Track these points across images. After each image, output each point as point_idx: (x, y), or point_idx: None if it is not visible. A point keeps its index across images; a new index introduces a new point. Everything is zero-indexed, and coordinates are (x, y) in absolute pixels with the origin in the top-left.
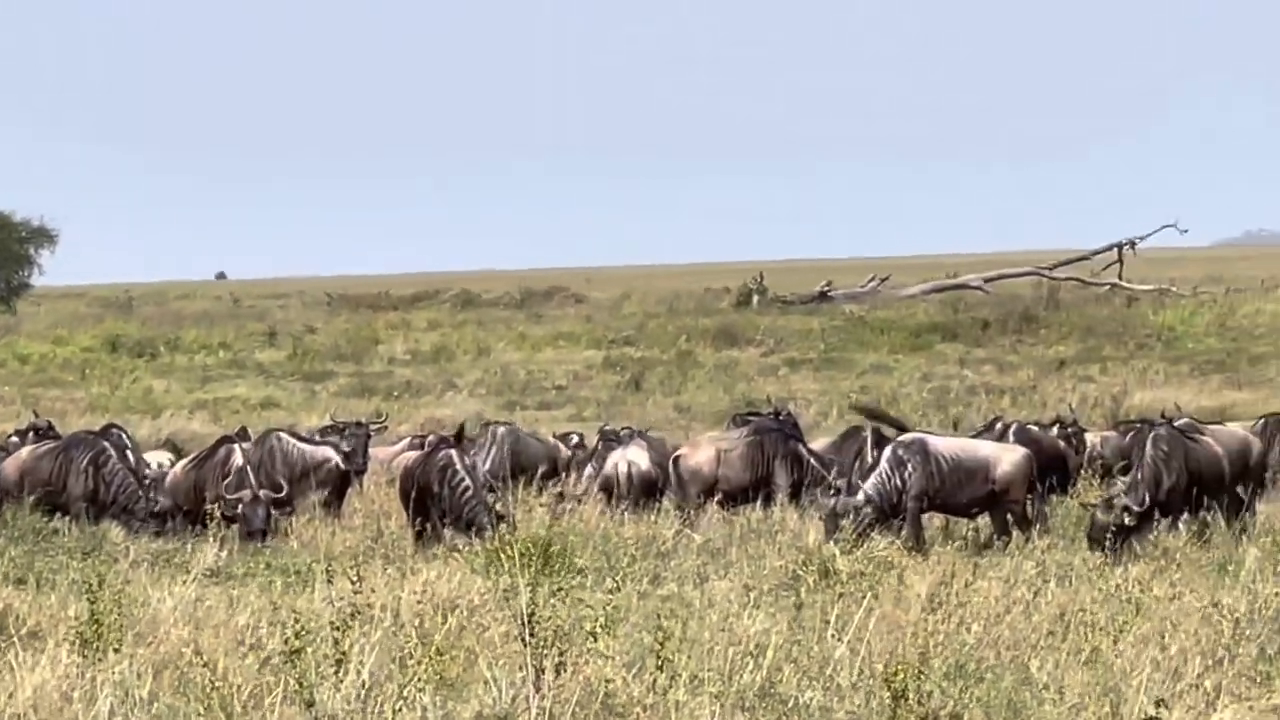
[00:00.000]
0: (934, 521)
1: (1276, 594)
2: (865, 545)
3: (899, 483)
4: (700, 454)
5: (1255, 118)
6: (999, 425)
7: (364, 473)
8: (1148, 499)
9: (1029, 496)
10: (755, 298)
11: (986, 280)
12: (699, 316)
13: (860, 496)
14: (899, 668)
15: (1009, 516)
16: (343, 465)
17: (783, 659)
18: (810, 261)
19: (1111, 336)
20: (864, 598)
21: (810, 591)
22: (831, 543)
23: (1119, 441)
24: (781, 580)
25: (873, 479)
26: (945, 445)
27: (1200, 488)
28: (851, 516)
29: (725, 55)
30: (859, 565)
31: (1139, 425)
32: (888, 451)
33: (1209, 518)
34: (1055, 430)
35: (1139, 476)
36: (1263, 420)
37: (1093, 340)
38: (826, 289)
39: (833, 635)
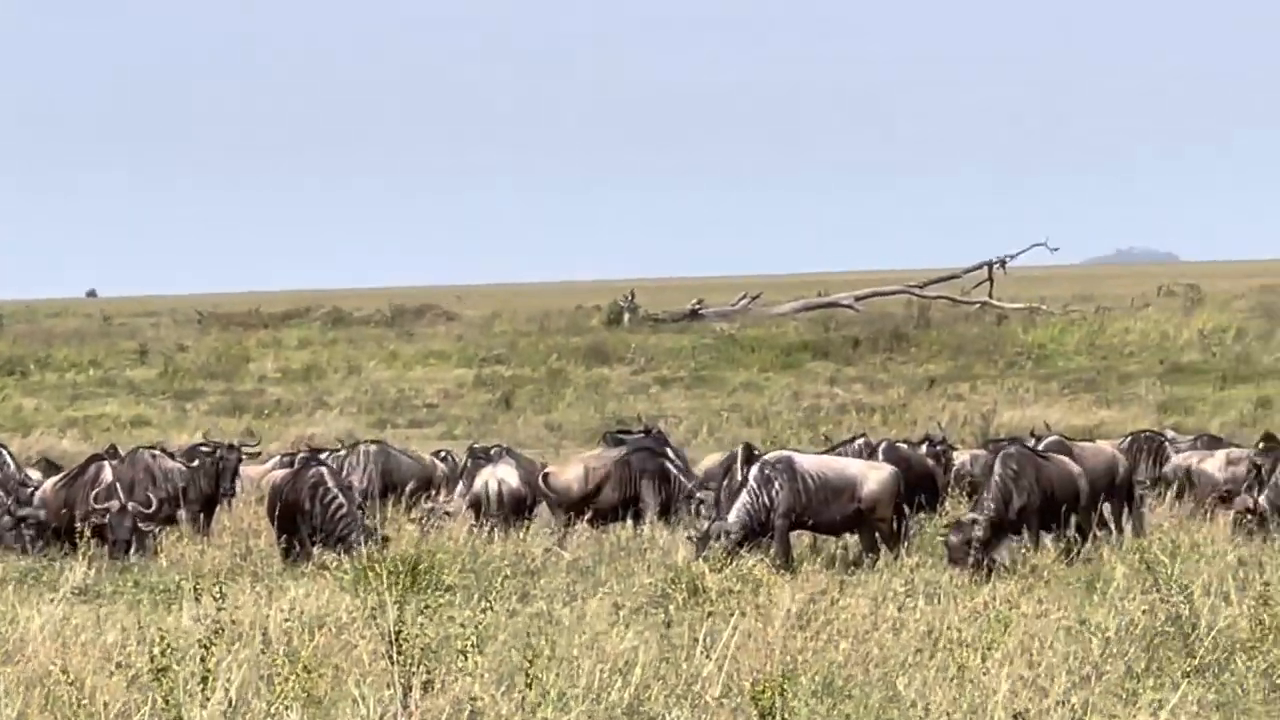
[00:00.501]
0: (803, 539)
1: (1144, 611)
2: (734, 563)
3: (766, 501)
4: (569, 472)
5: (1126, 138)
6: (859, 442)
7: (233, 496)
8: (995, 517)
9: (897, 515)
10: (626, 316)
11: (857, 299)
12: (570, 335)
13: (731, 519)
14: (766, 685)
15: (877, 534)
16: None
17: (651, 677)
18: (681, 279)
19: (982, 355)
20: (732, 615)
21: (679, 609)
22: (701, 560)
23: (989, 460)
24: (650, 598)
25: (742, 497)
26: (812, 463)
27: (1058, 506)
28: (721, 538)
29: (583, 73)
30: (728, 583)
31: (1006, 443)
32: (755, 470)
33: (1075, 535)
34: (924, 448)
35: (985, 495)
36: (1130, 437)
37: (963, 358)
38: (697, 307)
39: (701, 653)
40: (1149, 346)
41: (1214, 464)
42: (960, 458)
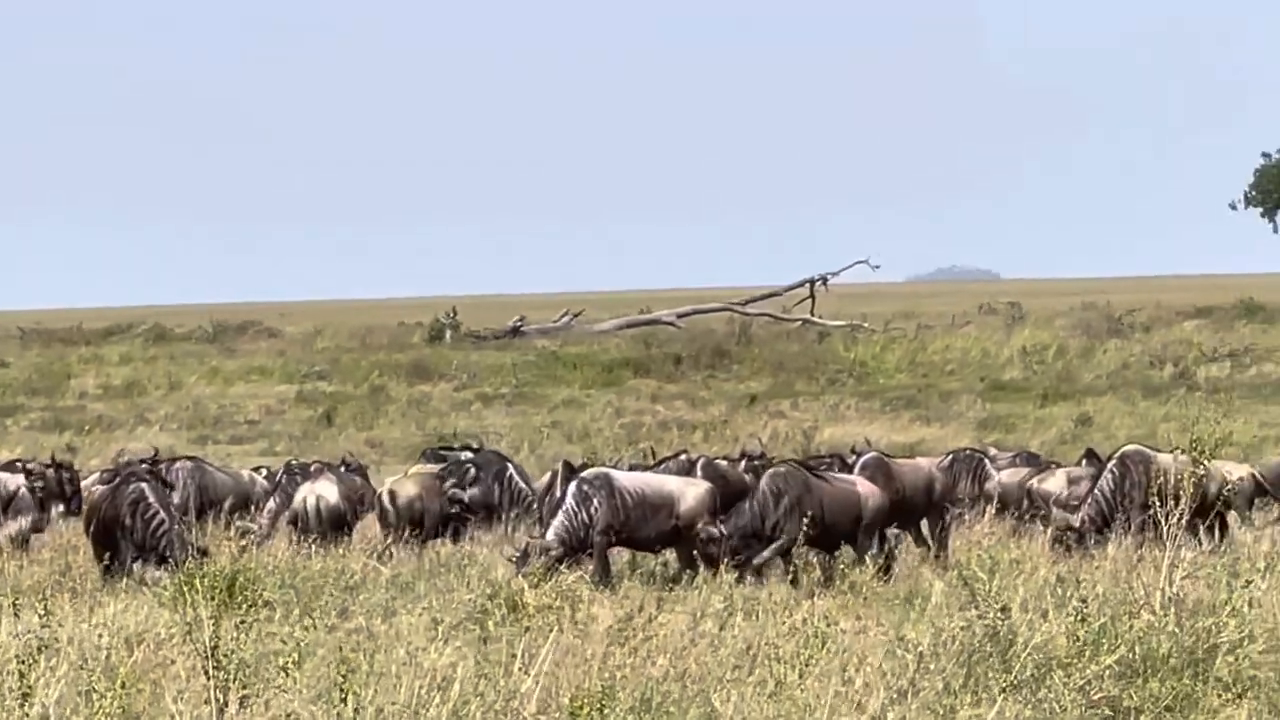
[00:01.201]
0: (621, 556)
1: (962, 628)
2: (553, 579)
3: (585, 518)
4: (409, 487)
5: (948, 156)
6: (681, 458)
7: (78, 514)
8: (747, 530)
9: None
10: (448, 333)
11: (679, 316)
12: (391, 351)
13: (550, 536)
14: (584, 701)
15: (695, 550)
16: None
17: (469, 692)
18: (503, 296)
19: (803, 372)
20: (551, 631)
21: (498, 625)
22: (520, 576)
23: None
24: (470, 614)
25: (560, 515)
26: (630, 480)
27: (830, 525)
28: (541, 556)
29: (402, 89)
30: (546, 599)
31: (828, 460)
32: (573, 487)
33: (898, 550)
34: (743, 465)
35: (740, 510)
36: (950, 455)
37: (784, 375)
38: (519, 324)
39: (519, 668)
40: (970, 364)
41: (1055, 483)
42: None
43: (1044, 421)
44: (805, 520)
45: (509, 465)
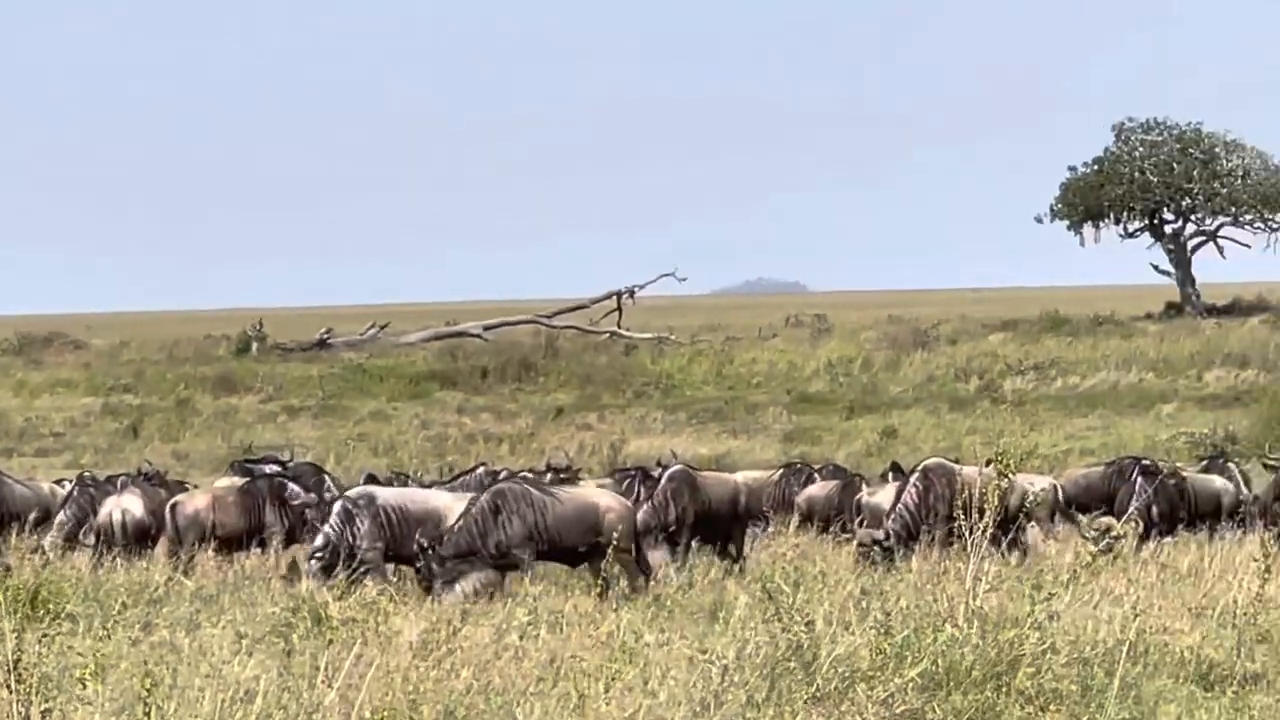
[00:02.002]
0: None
1: (765, 640)
2: (359, 591)
3: (350, 536)
4: (196, 500)
5: (754, 169)
6: (480, 471)
7: None
8: (463, 550)
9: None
10: (254, 345)
11: (486, 328)
12: (198, 363)
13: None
14: (387, 714)
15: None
16: None
17: (272, 705)
18: (309, 309)
19: (610, 384)
20: (355, 644)
21: (302, 638)
22: (324, 589)
23: (615, 489)
24: (274, 627)
25: (324, 530)
26: (395, 497)
27: (559, 540)
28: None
29: (208, 100)
30: (351, 612)
31: (633, 473)
32: (338, 505)
33: (702, 561)
34: (548, 478)
35: (454, 529)
36: (783, 468)
37: (591, 388)
38: (326, 336)
39: (323, 682)
40: (776, 376)
41: (885, 496)
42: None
43: (849, 434)
44: (530, 535)
45: (326, 477)
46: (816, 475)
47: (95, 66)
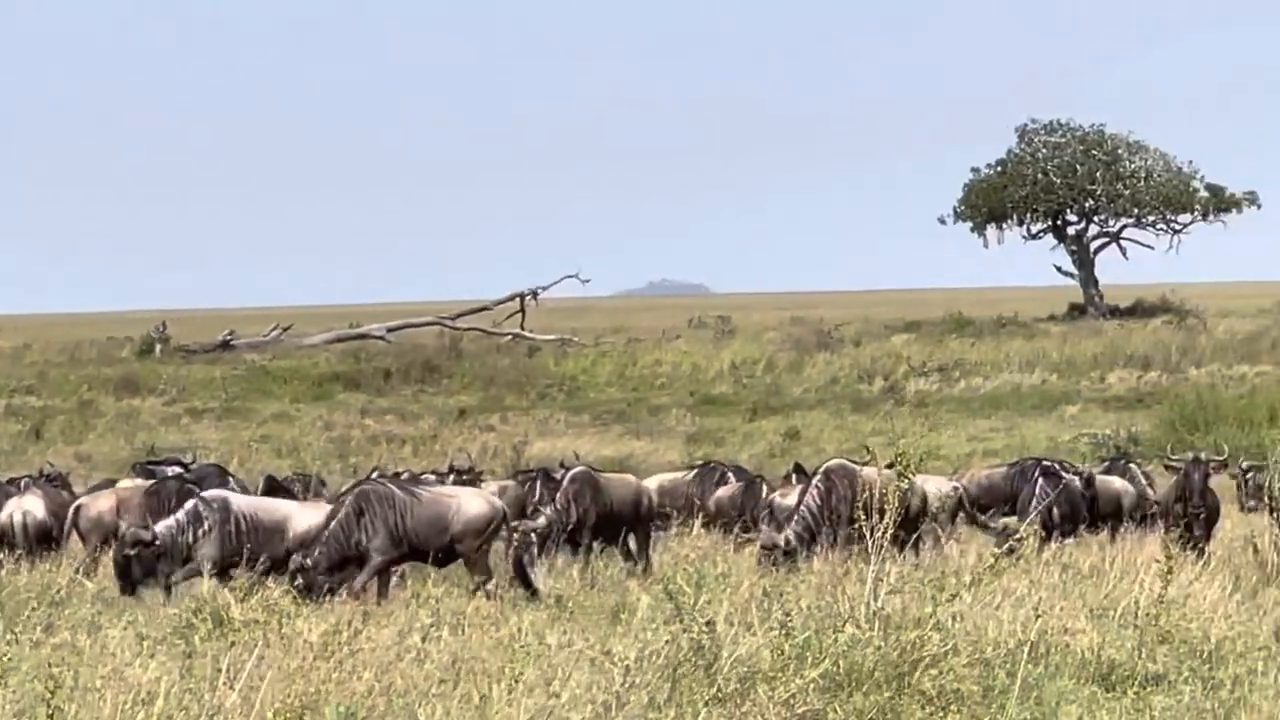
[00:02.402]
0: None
1: (666, 641)
2: (260, 593)
3: (190, 539)
4: (101, 502)
5: (657, 170)
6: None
7: None
8: (334, 554)
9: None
10: (158, 347)
11: (389, 330)
12: (101, 365)
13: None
14: (289, 716)
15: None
16: None
17: (174, 707)
18: (212, 311)
19: (513, 386)
20: (256, 645)
21: (204, 639)
22: (227, 591)
23: (518, 491)
24: (175, 628)
25: (162, 528)
26: (247, 504)
27: (420, 540)
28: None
29: (115, 102)
30: (253, 613)
31: (535, 474)
32: (189, 505)
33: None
34: (451, 479)
35: (323, 534)
36: (698, 467)
37: (494, 389)
38: (229, 338)
39: (224, 683)
40: (679, 378)
41: (795, 498)
42: (489, 488)
43: (753, 435)
44: (391, 536)
45: (229, 479)
46: (730, 476)
47: None
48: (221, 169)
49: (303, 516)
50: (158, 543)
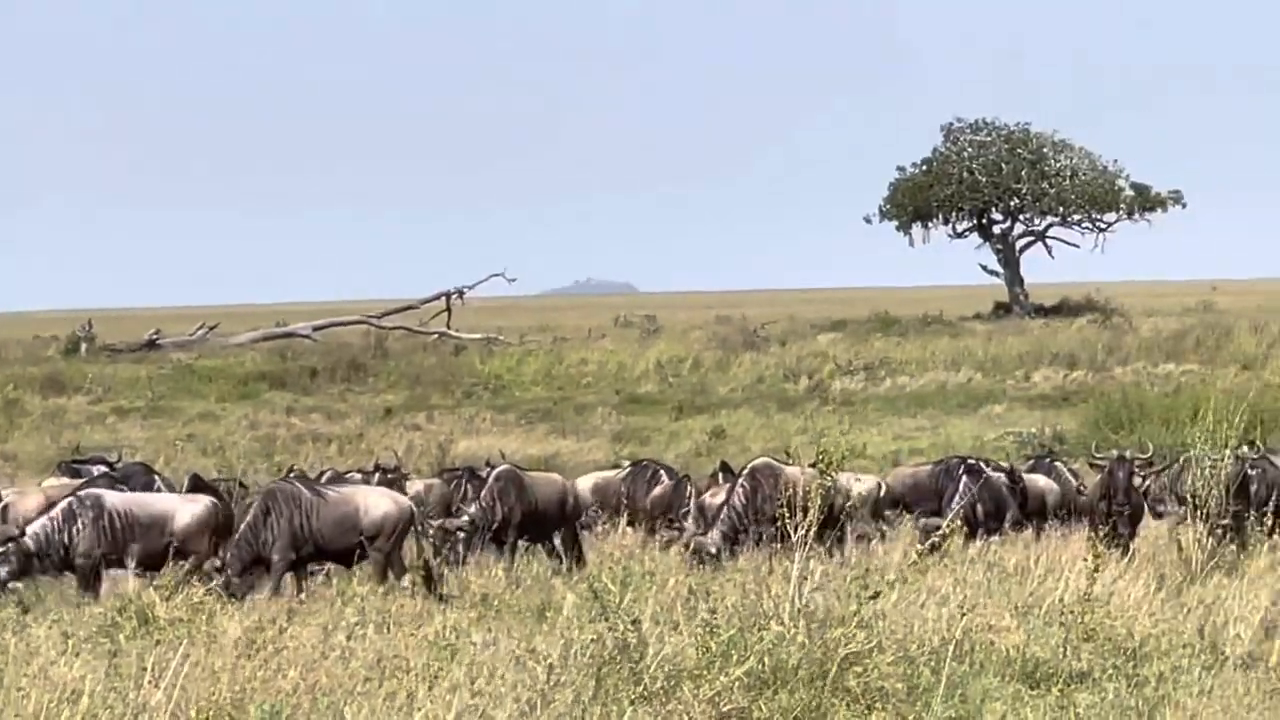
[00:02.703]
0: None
1: (592, 639)
2: (185, 591)
3: (67, 538)
4: (28, 500)
5: (583, 170)
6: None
7: None
8: (245, 554)
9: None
10: (83, 345)
11: (315, 329)
12: (26, 364)
13: (30, 546)
14: (214, 714)
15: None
16: None
17: (99, 705)
18: (138, 310)
19: (439, 385)
20: (181, 644)
21: (129, 638)
22: (153, 590)
23: (443, 489)
24: (100, 627)
25: (37, 526)
26: (121, 501)
27: (326, 539)
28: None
29: (46, 94)
30: (178, 611)
31: (461, 473)
32: (62, 504)
33: (532, 559)
34: (376, 478)
35: (233, 535)
36: (630, 466)
37: (420, 388)
38: (155, 337)
39: (149, 681)
40: (605, 377)
41: (721, 497)
42: (414, 486)
43: (679, 434)
44: (295, 536)
45: (155, 478)
46: (663, 475)
47: None
48: (147, 167)
49: (188, 510)
50: (26, 540)
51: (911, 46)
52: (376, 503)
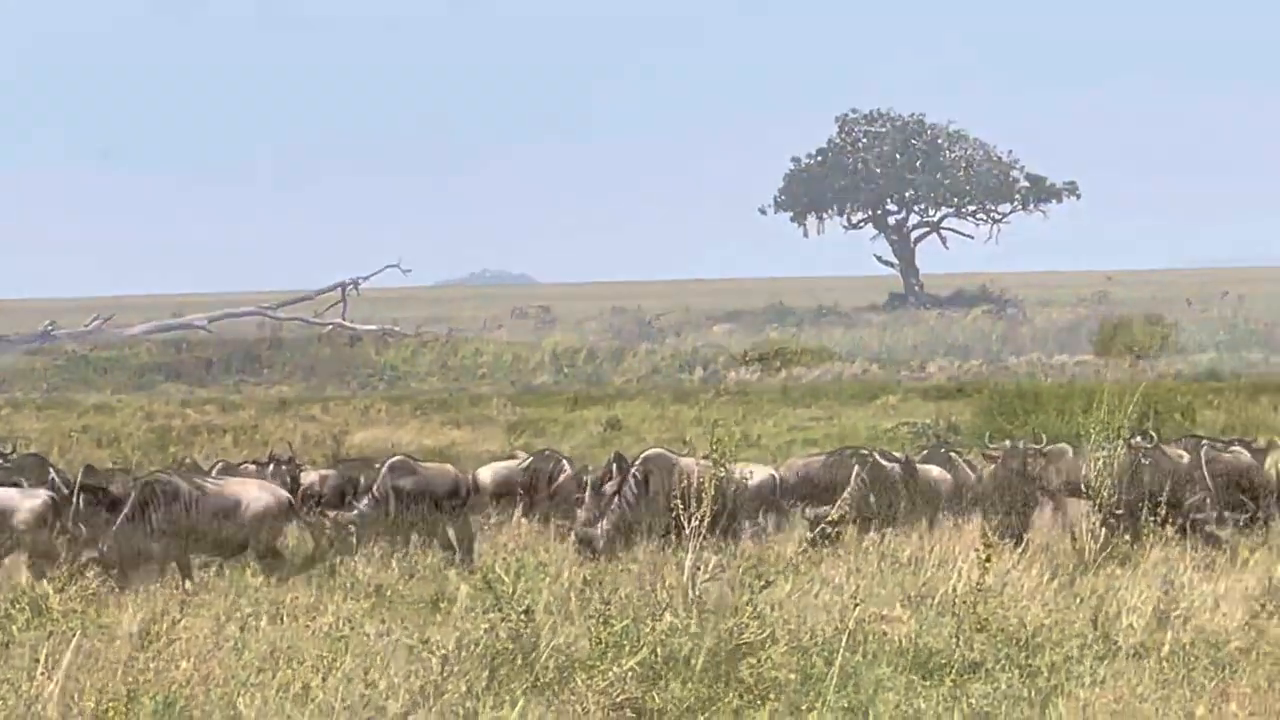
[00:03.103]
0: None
1: (485, 630)
2: (79, 583)
3: None
4: None
5: (482, 158)
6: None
7: None
8: (127, 548)
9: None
10: None
11: (210, 320)
12: None
13: None
14: (109, 705)
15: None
16: None
17: None
18: (32, 301)
19: (335, 376)
20: (75, 635)
21: (22, 630)
22: (45, 581)
23: (338, 480)
24: None
25: None
26: None
27: (199, 535)
28: None
29: None
30: (71, 602)
31: (357, 463)
32: None
33: (419, 553)
34: (271, 469)
35: (113, 528)
36: (531, 457)
37: (316, 379)
38: (49, 329)
39: (42, 673)
40: (501, 368)
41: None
42: (309, 477)
43: (574, 425)
44: (176, 529)
45: (50, 470)
46: (566, 465)
47: None
48: (39, 156)
49: (27, 505)
50: None
51: (807, 33)
52: (256, 495)
